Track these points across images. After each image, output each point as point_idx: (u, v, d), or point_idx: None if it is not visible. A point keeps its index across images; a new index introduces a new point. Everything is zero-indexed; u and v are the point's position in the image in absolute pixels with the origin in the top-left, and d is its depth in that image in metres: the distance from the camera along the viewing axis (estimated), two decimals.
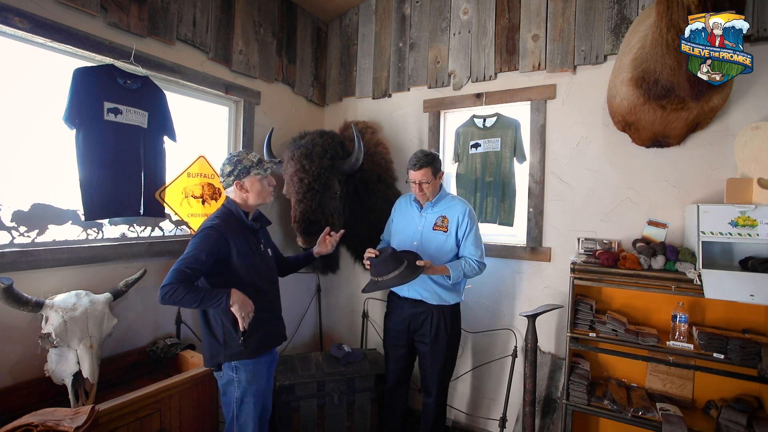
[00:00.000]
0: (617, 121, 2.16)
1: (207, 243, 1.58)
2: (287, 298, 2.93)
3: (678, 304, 1.94)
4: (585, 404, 2.04)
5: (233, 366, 1.67)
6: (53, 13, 1.73)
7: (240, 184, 1.71)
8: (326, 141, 2.39)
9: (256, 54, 2.67)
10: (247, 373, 1.68)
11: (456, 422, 2.74)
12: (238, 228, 1.69)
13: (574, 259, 2.12)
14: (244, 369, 1.68)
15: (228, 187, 1.74)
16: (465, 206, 2.12)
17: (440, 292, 2.12)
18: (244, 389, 1.68)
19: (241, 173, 1.70)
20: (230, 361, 1.66)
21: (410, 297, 2.17)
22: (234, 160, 1.72)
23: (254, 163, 1.73)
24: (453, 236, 2.10)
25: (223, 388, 1.72)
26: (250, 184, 1.72)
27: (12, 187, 1.74)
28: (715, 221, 1.82)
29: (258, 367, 1.72)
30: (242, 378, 1.68)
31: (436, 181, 2.10)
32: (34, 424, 1.28)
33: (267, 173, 1.75)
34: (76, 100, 1.78)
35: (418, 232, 2.17)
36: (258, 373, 1.72)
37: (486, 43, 2.61)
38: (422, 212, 2.18)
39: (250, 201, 1.75)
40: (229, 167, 1.71)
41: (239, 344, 1.65)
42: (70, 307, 1.63)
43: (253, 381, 1.70)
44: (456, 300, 2.17)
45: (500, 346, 2.60)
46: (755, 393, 1.92)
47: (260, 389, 1.74)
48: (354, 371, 2.45)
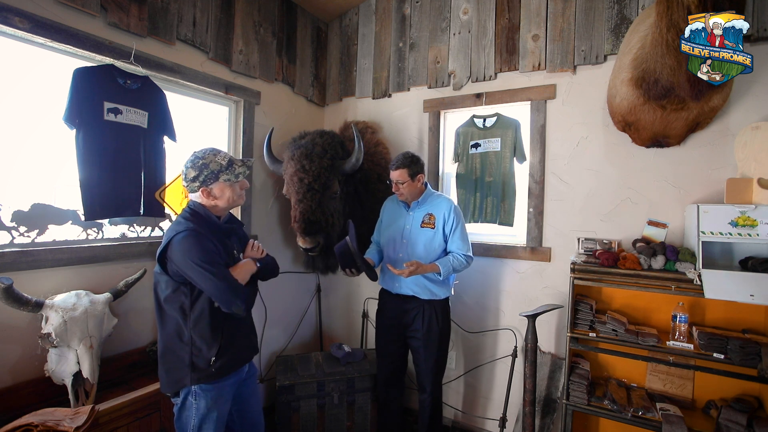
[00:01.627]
0: (617, 121, 2.16)
1: (206, 247, 1.42)
2: (287, 298, 2.96)
3: (678, 304, 1.94)
4: (585, 404, 2.04)
5: (193, 392, 1.46)
6: (53, 13, 1.73)
7: (207, 191, 1.49)
8: (326, 141, 2.40)
9: (256, 54, 2.67)
10: (208, 400, 1.47)
11: (456, 422, 2.74)
12: (210, 230, 1.49)
13: (574, 259, 2.12)
14: (204, 395, 1.46)
15: (192, 193, 1.51)
16: (450, 203, 2.20)
17: (431, 287, 2.17)
18: (202, 416, 1.47)
19: (207, 179, 1.47)
20: (196, 385, 1.45)
21: (402, 293, 2.20)
22: (198, 163, 1.47)
23: (223, 167, 1.48)
24: (440, 232, 2.17)
25: (178, 413, 1.50)
26: (220, 191, 1.50)
27: (12, 187, 1.74)
28: (715, 221, 1.82)
29: (222, 391, 1.51)
30: (201, 405, 1.46)
31: (413, 183, 2.18)
32: (34, 424, 1.28)
33: (239, 179, 1.53)
34: (76, 100, 1.78)
35: (406, 230, 2.23)
36: (221, 398, 1.51)
37: (486, 43, 2.61)
38: (409, 211, 2.25)
39: (219, 206, 1.53)
40: (193, 171, 1.47)
41: (209, 365, 1.45)
42: (70, 307, 1.63)
43: (214, 407, 1.48)
44: (446, 294, 2.23)
45: (500, 346, 2.60)
46: (755, 393, 1.92)
47: (222, 415, 1.53)
48: (354, 371, 2.46)
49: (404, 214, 2.27)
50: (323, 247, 2.43)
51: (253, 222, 2.69)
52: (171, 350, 1.48)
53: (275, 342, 2.89)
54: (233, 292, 1.42)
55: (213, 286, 1.39)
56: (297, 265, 3.02)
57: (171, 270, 1.44)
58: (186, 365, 1.45)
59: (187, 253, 1.38)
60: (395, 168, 2.17)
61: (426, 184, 2.27)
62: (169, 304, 1.47)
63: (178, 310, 1.46)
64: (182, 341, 1.46)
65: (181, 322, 1.46)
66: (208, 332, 1.46)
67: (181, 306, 1.46)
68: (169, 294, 1.46)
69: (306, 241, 2.33)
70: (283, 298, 2.91)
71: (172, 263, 1.42)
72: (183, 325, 1.46)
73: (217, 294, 1.41)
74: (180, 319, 1.46)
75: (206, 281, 1.39)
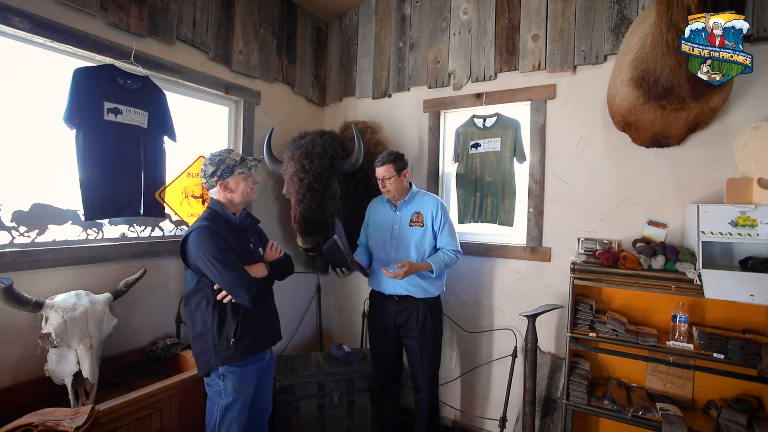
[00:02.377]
0: (617, 121, 2.15)
1: (217, 242, 1.55)
2: (287, 297, 2.95)
3: (678, 304, 1.93)
4: (585, 404, 2.04)
5: (221, 373, 1.63)
6: (53, 13, 1.73)
7: (224, 184, 1.67)
8: (326, 141, 2.40)
9: (256, 54, 2.67)
10: (234, 382, 1.64)
11: (456, 422, 2.74)
12: (227, 228, 1.66)
13: (574, 259, 2.12)
14: (232, 377, 1.64)
15: (211, 189, 1.69)
16: (436, 200, 2.23)
17: (425, 286, 2.19)
18: (230, 398, 1.64)
19: (224, 173, 1.65)
20: (220, 366, 1.62)
21: (396, 294, 2.21)
22: (216, 159, 1.66)
23: (237, 162, 1.68)
24: (430, 230, 2.20)
25: (210, 395, 1.69)
26: (235, 184, 1.68)
27: (12, 187, 1.74)
28: (715, 221, 1.82)
29: (246, 374, 1.68)
30: (229, 386, 1.64)
31: (399, 178, 2.20)
32: (34, 424, 1.28)
33: (251, 171, 1.71)
34: (76, 100, 1.78)
35: (395, 230, 2.24)
36: (245, 381, 1.68)
37: (486, 43, 2.61)
38: (397, 211, 2.27)
39: (235, 200, 1.70)
40: (211, 167, 1.65)
41: (229, 346, 1.61)
42: (70, 307, 1.63)
43: (240, 389, 1.66)
44: (440, 291, 2.26)
45: (500, 346, 2.60)
46: (755, 393, 1.92)
47: (247, 398, 1.70)
48: (354, 371, 2.46)
49: (391, 214, 2.28)
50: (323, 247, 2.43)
51: None
52: (200, 335, 1.64)
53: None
54: (238, 284, 1.55)
55: (220, 277, 1.55)
56: (297, 265, 2.97)
57: (191, 264, 1.60)
58: (211, 348, 1.62)
59: (198, 247, 1.55)
60: (381, 164, 2.18)
61: (411, 183, 2.29)
62: (195, 294, 1.64)
63: (203, 299, 1.63)
64: (206, 326, 1.63)
65: (205, 310, 1.62)
66: (227, 316, 1.63)
67: (204, 296, 1.62)
68: (194, 285, 1.64)
69: (306, 241, 2.33)
70: (283, 297, 2.91)
71: (189, 258, 1.59)
72: (206, 312, 1.62)
73: (224, 285, 1.57)
74: (204, 307, 1.63)
75: (214, 273, 1.55)
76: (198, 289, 1.63)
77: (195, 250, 1.55)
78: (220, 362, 1.62)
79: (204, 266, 1.55)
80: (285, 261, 1.84)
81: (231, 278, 1.54)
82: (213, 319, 1.61)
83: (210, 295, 1.61)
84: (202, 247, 1.54)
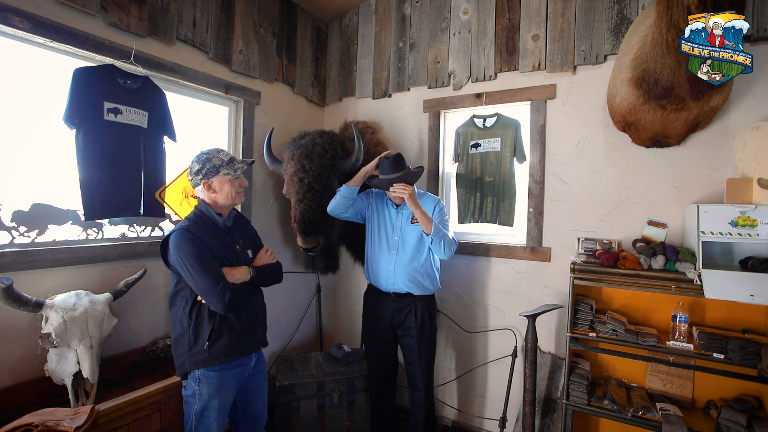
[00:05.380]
0: (617, 121, 2.15)
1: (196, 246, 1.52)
2: (287, 297, 2.96)
3: (678, 304, 1.93)
4: (585, 404, 2.04)
5: (196, 377, 1.59)
6: (53, 13, 1.73)
7: (207, 183, 1.63)
8: (326, 141, 2.39)
9: (256, 54, 2.67)
10: (210, 387, 1.60)
11: (456, 422, 2.74)
12: (210, 229, 1.62)
13: (574, 259, 2.12)
14: (207, 382, 1.59)
15: (196, 186, 1.66)
16: (436, 200, 2.28)
17: (424, 282, 2.21)
18: (204, 403, 1.60)
19: (209, 172, 1.61)
20: (195, 369, 1.58)
21: (396, 291, 2.22)
22: (203, 158, 1.63)
23: (224, 162, 1.63)
24: None
25: (186, 398, 1.64)
26: (219, 185, 1.64)
27: (12, 187, 1.74)
28: (715, 221, 1.82)
29: (224, 380, 1.63)
30: (203, 391, 1.59)
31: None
32: (34, 424, 1.28)
33: (237, 174, 1.66)
34: (76, 100, 1.78)
35: (397, 227, 2.26)
36: (222, 387, 1.63)
37: (486, 43, 2.61)
38: (399, 209, 2.28)
39: (219, 201, 1.66)
40: (197, 165, 1.62)
41: (203, 350, 1.56)
42: (70, 307, 1.63)
43: (216, 395, 1.60)
44: (436, 288, 2.29)
45: (500, 346, 2.60)
46: (755, 393, 1.92)
47: (224, 404, 1.65)
48: (354, 371, 2.46)
49: (394, 212, 2.29)
50: (323, 247, 2.43)
51: (253, 222, 2.66)
52: (178, 337, 1.62)
53: (275, 342, 2.88)
54: (211, 292, 1.52)
55: (194, 283, 1.54)
56: (297, 265, 3.02)
57: (171, 265, 1.60)
58: (186, 351, 1.59)
59: (176, 250, 1.54)
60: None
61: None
62: (175, 296, 1.62)
63: (182, 300, 1.61)
64: (183, 328, 1.60)
65: (182, 311, 1.60)
66: (204, 319, 1.59)
67: (183, 297, 1.60)
68: (174, 286, 1.62)
69: (306, 241, 2.33)
70: (283, 298, 2.91)
71: (169, 258, 1.59)
72: (183, 314, 1.60)
73: (198, 291, 1.55)
74: (182, 308, 1.60)
75: (189, 278, 1.54)
76: (178, 290, 1.61)
77: (173, 252, 1.54)
78: (194, 366, 1.58)
79: (180, 270, 1.54)
80: (272, 268, 1.78)
81: (204, 285, 1.51)
82: (189, 321, 1.58)
83: (189, 297, 1.59)
84: (179, 250, 1.52)
